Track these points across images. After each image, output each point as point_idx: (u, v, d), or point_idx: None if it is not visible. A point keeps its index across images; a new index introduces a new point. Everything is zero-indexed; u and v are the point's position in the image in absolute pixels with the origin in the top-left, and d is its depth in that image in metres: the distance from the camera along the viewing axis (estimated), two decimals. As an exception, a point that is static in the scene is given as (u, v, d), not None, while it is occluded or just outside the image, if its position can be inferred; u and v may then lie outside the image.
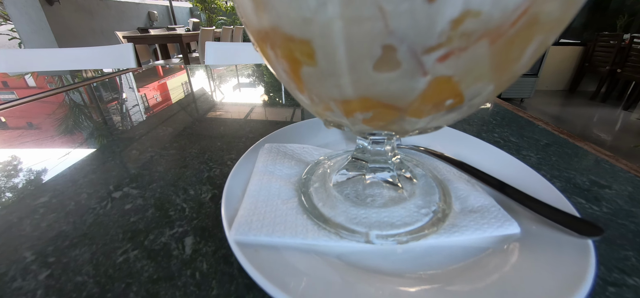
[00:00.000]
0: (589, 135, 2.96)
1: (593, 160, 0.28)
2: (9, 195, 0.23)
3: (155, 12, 5.57)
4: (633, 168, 0.27)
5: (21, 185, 0.25)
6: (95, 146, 0.32)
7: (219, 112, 0.42)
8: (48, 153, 0.31)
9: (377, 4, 0.08)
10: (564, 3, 0.08)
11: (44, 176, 0.26)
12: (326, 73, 0.10)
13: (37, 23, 3.80)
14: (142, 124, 0.38)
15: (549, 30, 0.09)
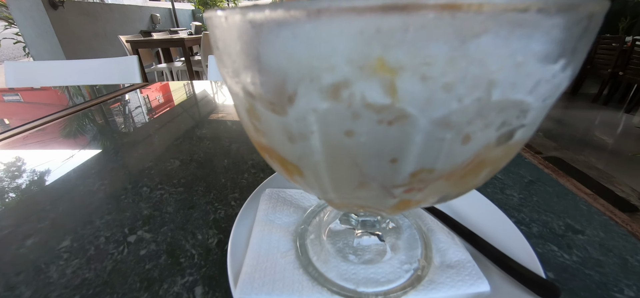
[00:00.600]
0: (590, 139, 2.96)
1: (572, 201, 0.30)
2: (35, 239, 0.26)
3: (157, 15, 5.61)
4: (609, 209, 0.29)
5: (43, 225, 0.27)
6: (108, 181, 0.34)
7: (223, 143, 0.44)
8: (62, 190, 0.33)
9: (353, 160, 0.10)
10: (506, 149, 0.11)
11: (62, 217, 0.28)
12: (313, 184, 0.13)
13: (41, 27, 3.85)
14: (151, 155, 0.40)
15: (498, 163, 0.11)
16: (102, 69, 1.15)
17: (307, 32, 0.07)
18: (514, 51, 0.07)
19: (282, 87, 0.09)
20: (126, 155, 0.41)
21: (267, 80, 0.09)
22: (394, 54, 0.07)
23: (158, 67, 3.76)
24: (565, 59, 0.08)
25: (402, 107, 0.08)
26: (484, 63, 0.07)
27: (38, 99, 0.79)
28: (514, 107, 0.08)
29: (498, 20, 0.07)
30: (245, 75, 0.10)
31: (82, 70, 1.17)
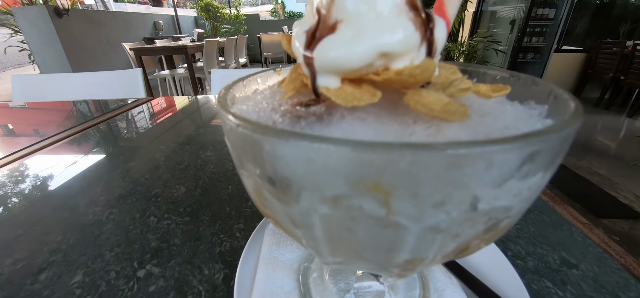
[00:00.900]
0: (592, 144, 2.95)
1: (567, 231, 0.31)
2: (48, 273, 0.27)
3: (160, 22, 5.68)
4: (603, 240, 0.30)
5: (56, 258, 0.28)
6: (116, 210, 0.35)
7: (227, 166, 0.45)
8: (72, 219, 0.34)
9: (352, 247, 0.11)
10: (494, 233, 0.11)
11: (74, 250, 0.30)
12: (312, 251, 0.13)
13: (47, 35, 3.90)
14: (157, 180, 0.41)
15: (488, 241, 0.12)
16: (107, 82, 1.17)
17: (310, 154, 0.08)
18: (494, 177, 0.08)
19: (288, 188, 0.10)
20: (133, 181, 0.42)
21: (274, 180, 0.10)
22: (386, 179, 0.08)
23: (161, 74, 3.80)
24: (543, 171, 0.09)
25: (396, 218, 0.09)
26: (469, 186, 0.08)
27: (45, 109, 0.80)
28: (498, 211, 0.09)
29: (479, 155, 0.08)
30: (254, 169, 0.11)
31: (87, 82, 1.19)
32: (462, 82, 0.13)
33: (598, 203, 1.95)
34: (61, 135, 0.59)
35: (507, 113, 0.12)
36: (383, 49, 0.10)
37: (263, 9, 14.79)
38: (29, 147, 0.54)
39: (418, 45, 0.10)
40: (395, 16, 0.10)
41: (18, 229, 0.33)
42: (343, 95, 0.10)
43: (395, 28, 0.10)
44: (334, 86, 0.10)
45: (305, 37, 0.11)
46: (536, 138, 0.08)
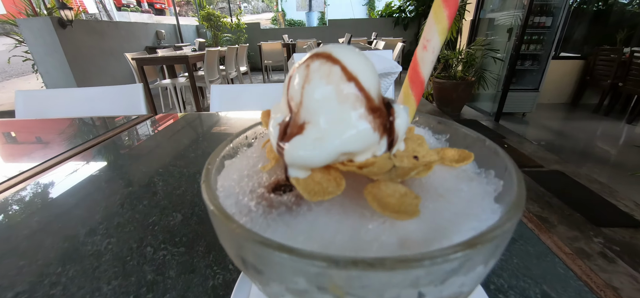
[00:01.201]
0: (592, 151, 2.95)
1: (551, 263, 0.31)
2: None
3: (162, 31, 5.76)
4: (585, 272, 0.31)
5: (55, 291, 0.29)
6: (114, 239, 0.36)
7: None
8: (72, 249, 0.35)
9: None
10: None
11: (73, 283, 0.31)
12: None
13: (50, 45, 3.96)
14: (154, 207, 0.43)
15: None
16: (108, 96, 1.19)
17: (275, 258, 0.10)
18: (435, 279, 0.09)
19: (258, 274, 0.11)
20: (132, 208, 0.43)
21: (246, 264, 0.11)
22: (340, 284, 0.09)
23: (162, 83, 3.84)
24: (484, 264, 0.10)
25: (353, 309, 0.10)
26: (413, 287, 0.09)
27: (45, 128, 0.82)
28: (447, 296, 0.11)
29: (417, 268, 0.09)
30: (230, 249, 0.12)
31: (89, 97, 1.22)
32: (427, 154, 0.14)
33: (598, 211, 1.95)
34: (60, 157, 0.60)
35: (462, 195, 0.13)
36: (344, 151, 0.11)
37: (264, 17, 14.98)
38: (29, 171, 0.55)
39: (378, 141, 0.12)
40: (355, 121, 0.11)
41: (20, 260, 0.34)
42: (310, 188, 0.11)
43: (356, 133, 0.11)
44: (303, 177, 0.12)
45: (279, 130, 0.12)
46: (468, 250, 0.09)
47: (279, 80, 6.35)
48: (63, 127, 0.84)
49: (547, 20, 3.40)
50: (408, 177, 0.12)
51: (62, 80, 4.05)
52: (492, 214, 0.12)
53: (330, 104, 0.11)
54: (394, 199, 0.11)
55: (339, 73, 0.11)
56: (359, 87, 0.11)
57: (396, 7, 7.60)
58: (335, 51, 0.11)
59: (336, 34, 7.45)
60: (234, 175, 0.15)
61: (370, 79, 0.12)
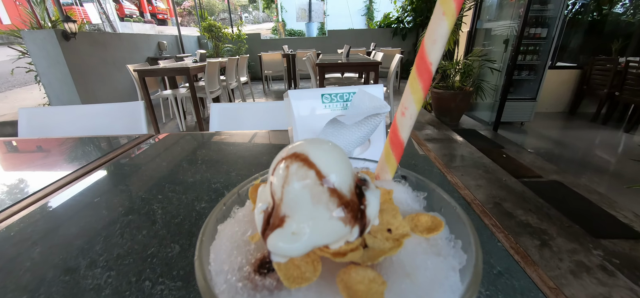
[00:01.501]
0: (590, 160, 2.96)
1: (534, 295, 0.33)
2: (49, 347, 0.29)
3: (164, 42, 5.84)
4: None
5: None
6: (114, 272, 0.38)
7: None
8: (72, 283, 0.36)
9: None
10: None
11: (74, 318, 0.32)
12: None
13: (54, 57, 4.02)
14: (153, 237, 0.44)
15: None
16: (109, 114, 1.21)
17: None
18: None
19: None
20: (131, 238, 0.44)
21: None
22: None
23: (163, 94, 3.88)
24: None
25: None
26: None
27: (45, 151, 0.84)
28: None
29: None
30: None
31: (90, 114, 1.24)
32: (400, 226, 0.16)
33: (597, 223, 1.95)
34: (61, 182, 0.62)
35: (427, 273, 0.14)
36: (318, 244, 0.12)
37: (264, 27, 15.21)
38: (30, 197, 0.56)
39: (350, 231, 0.13)
40: (328, 218, 0.13)
41: (22, 294, 0.35)
42: (289, 274, 0.13)
43: (329, 228, 0.13)
44: (284, 262, 0.13)
45: (263, 218, 0.14)
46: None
47: (278, 90, 6.41)
48: (64, 148, 0.86)
49: (543, 31, 3.45)
50: (378, 260, 0.13)
51: (64, 91, 4.10)
52: (452, 295, 0.13)
53: (305, 204, 0.13)
54: (363, 286, 0.12)
55: (313, 177, 0.13)
56: (331, 189, 0.13)
57: (394, 18, 7.72)
58: (312, 154, 0.13)
59: (335, 44, 7.55)
60: (226, 243, 0.16)
61: (342, 178, 0.13)
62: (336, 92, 0.43)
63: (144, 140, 0.88)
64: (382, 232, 0.15)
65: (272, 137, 0.86)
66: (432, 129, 3.57)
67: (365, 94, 0.38)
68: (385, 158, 0.22)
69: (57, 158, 0.81)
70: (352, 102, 0.37)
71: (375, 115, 0.36)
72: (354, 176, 0.16)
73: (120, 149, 0.80)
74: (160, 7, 18.54)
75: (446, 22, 0.18)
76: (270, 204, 0.14)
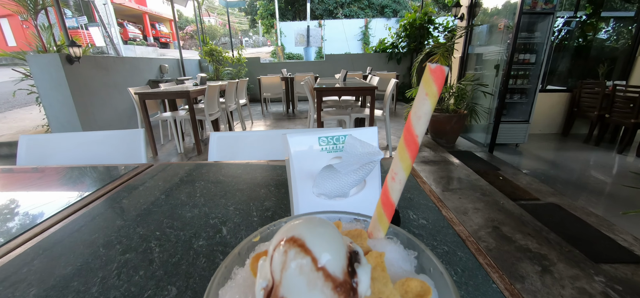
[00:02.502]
0: (586, 182, 2.98)
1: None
2: None
3: (166, 65, 5.99)
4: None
5: None
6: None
7: (216, 262, 0.48)
8: (70, 330, 0.36)
9: None
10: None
11: None
12: None
13: (56, 80, 4.08)
14: (150, 278, 0.44)
15: None
16: (109, 142, 1.23)
17: None
18: None
19: None
20: (128, 280, 0.44)
21: None
22: None
23: (163, 116, 3.92)
24: None
25: None
26: None
27: (42, 182, 0.84)
28: None
29: None
30: None
31: (90, 141, 1.25)
32: (391, 295, 0.17)
33: (597, 247, 1.93)
34: (57, 217, 0.62)
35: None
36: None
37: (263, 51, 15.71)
38: (26, 233, 0.56)
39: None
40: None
41: (14, 343, 0.35)
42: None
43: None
44: (282, 341, 0.14)
45: (263, 296, 0.15)
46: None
47: (276, 112, 6.51)
48: (62, 179, 0.86)
49: (531, 56, 3.60)
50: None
51: (64, 113, 4.13)
52: None
53: (302, 288, 0.14)
54: None
55: (309, 264, 0.14)
56: (325, 274, 0.14)
57: (389, 43, 8.02)
58: (308, 239, 0.14)
59: (333, 67, 7.77)
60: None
61: (335, 261, 0.14)
62: (332, 135, 0.45)
63: (143, 170, 0.89)
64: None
65: (270, 168, 0.87)
66: (429, 151, 3.61)
67: (357, 140, 0.40)
68: (378, 218, 0.24)
69: (55, 188, 0.81)
70: (345, 149, 0.39)
71: (369, 163, 0.38)
72: (347, 249, 0.17)
73: (118, 180, 0.81)
74: (163, 31, 19.17)
75: (429, 102, 0.20)
76: (270, 282, 0.15)
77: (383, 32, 9.28)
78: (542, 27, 3.46)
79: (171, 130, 4.55)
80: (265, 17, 16.60)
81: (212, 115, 3.81)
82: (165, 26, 19.66)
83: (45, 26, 4.50)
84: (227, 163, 0.92)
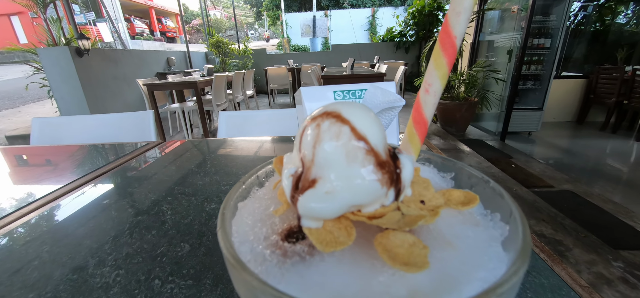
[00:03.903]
0: (602, 169, 2.88)
1: (566, 296, 0.30)
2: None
3: (173, 58, 6.01)
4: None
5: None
6: (123, 271, 0.37)
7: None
8: (80, 280, 0.36)
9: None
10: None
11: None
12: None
13: (66, 72, 4.14)
14: (163, 237, 0.43)
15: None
16: (120, 123, 1.23)
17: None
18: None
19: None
20: (141, 237, 0.43)
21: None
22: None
23: (171, 107, 3.95)
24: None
25: None
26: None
27: (57, 155, 0.85)
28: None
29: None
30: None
31: (101, 123, 1.26)
32: (433, 198, 0.15)
33: (615, 233, 1.87)
34: (72, 186, 0.62)
35: (469, 241, 0.13)
36: (354, 204, 0.12)
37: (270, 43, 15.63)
38: (41, 199, 0.56)
39: (385, 194, 0.12)
40: (364, 177, 0.12)
41: (29, 292, 0.34)
42: (322, 238, 0.12)
43: (365, 188, 0.12)
44: (315, 227, 0.12)
45: (292, 182, 0.13)
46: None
47: (283, 103, 6.48)
48: (75, 155, 0.87)
49: (546, 41, 3.46)
50: (416, 225, 0.12)
51: (75, 105, 4.20)
52: (500, 263, 0.12)
53: (340, 162, 0.12)
54: (402, 249, 0.11)
55: (348, 133, 0.12)
56: (367, 145, 0.12)
57: (397, 32, 7.85)
58: (344, 111, 0.12)
59: (339, 58, 7.67)
60: (248, 219, 0.15)
61: (377, 136, 0.12)
62: (348, 89, 0.42)
63: (154, 146, 0.89)
64: (416, 203, 0.14)
65: (279, 143, 0.86)
66: (439, 140, 3.54)
67: (377, 88, 0.38)
68: (409, 138, 0.21)
69: (67, 164, 0.82)
70: (365, 99, 0.37)
71: (390, 109, 0.36)
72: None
73: (129, 155, 0.81)
74: (169, 25, 19.25)
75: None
76: (299, 168, 0.13)
77: (390, 20, 9.07)
78: (558, 11, 3.32)
79: (180, 122, 4.59)
80: (271, 9, 16.45)
81: (220, 106, 3.82)
82: (171, 20, 19.74)
83: (53, 19, 4.56)
84: (237, 140, 0.91)
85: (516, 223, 0.13)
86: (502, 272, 0.12)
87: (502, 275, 0.10)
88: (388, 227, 0.12)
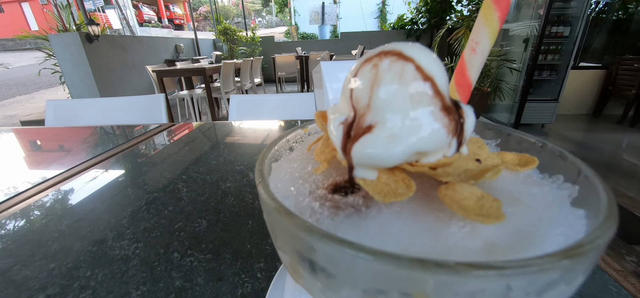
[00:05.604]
0: (618, 164, 2.80)
1: (600, 280, 0.29)
2: (79, 311, 0.28)
3: (181, 45, 6.01)
4: (638, 287, 0.28)
5: (84, 296, 0.30)
6: (142, 244, 0.37)
7: (247, 199, 0.46)
8: (100, 253, 0.36)
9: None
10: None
11: (102, 287, 0.31)
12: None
13: (77, 59, 4.19)
14: (180, 213, 0.43)
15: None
16: (132, 106, 1.24)
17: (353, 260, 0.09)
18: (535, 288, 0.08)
19: (328, 279, 0.10)
20: (157, 213, 0.43)
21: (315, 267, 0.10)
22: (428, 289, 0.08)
23: (180, 94, 3.97)
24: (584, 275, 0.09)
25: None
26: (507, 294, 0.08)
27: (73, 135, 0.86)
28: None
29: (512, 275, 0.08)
30: (294, 255, 0.11)
31: (113, 106, 1.27)
32: (489, 157, 0.13)
33: (629, 228, 1.82)
34: (87, 164, 0.62)
35: (537, 199, 0.12)
36: (418, 150, 0.10)
37: (278, 31, 15.42)
38: (58, 176, 0.57)
39: (449, 143, 0.11)
40: (430, 121, 0.11)
41: (51, 262, 0.35)
42: (380, 189, 0.11)
43: (430, 133, 0.10)
44: (371, 178, 0.11)
45: (343, 130, 0.12)
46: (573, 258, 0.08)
47: (291, 92, 6.45)
48: (89, 136, 0.88)
49: (565, 29, 3.32)
50: (481, 178, 0.11)
51: (86, 91, 4.26)
52: (578, 220, 0.11)
53: (403, 104, 0.10)
54: (471, 201, 0.10)
55: (413, 72, 0.11)
56: (433, 86, 0.11)
57: (408, 19, 7.63)
58: (405, 49, 0.11)
59: (348, 46, 7.54)
60: (285, 177, 0.14)
61: (443, 77, 0.11)
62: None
63: (166, 128, 0.89)
64: (473, 162, 0.13)
65: (292, 126, 0.85)
66: (448, 131, 3.47)
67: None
68: (451, 101, 0.20)
69: (82, 144, 0.82)
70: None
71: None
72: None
73: (143, 135, 0.81)
74: (177, 12, 19.17)
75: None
76: (351, 115, 0.12)
77: (401, 8, 8.81)
78: (579, -2, 3.16)
79: (188, 109, 4.62)
80: (278, -4, 16.15)
81: (228, 93, 3.81)
82: (178, 7, 19.63)
83: (63, 5, 4.58)
84: (249, 122, 0.90)
85: (590, 180, 0.12)
86: (582, 229, 0.10)
87: (595, 227, 0.09)
88: (448, 181, 0.11)
